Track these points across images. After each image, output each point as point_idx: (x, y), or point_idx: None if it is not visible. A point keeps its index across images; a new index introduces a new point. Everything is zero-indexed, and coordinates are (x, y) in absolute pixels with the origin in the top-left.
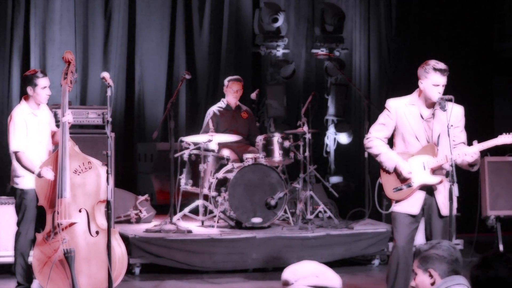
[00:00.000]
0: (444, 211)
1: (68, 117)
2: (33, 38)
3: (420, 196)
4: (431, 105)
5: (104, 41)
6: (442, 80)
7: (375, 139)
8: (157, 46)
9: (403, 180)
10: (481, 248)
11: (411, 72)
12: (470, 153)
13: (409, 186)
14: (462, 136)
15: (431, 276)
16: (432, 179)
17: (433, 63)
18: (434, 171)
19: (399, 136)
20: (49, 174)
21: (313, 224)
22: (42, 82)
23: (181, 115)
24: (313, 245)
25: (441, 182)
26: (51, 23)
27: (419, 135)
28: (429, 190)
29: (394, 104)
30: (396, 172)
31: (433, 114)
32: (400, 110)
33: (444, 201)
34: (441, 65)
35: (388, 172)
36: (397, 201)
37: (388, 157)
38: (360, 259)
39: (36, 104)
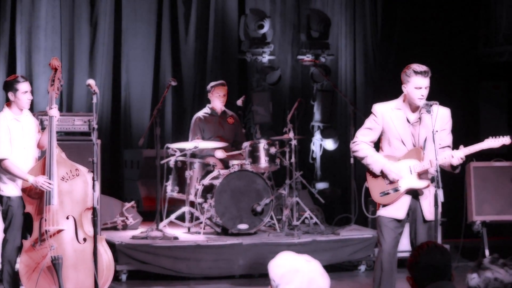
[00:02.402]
0: (428, 216)
1: (54, 111)
2: (19, 45)
3: (406, 200)
4: (416, 109)
5: (90, 48)
6: (424, 82)
7: (361, 143)
8: (143, 52)
9: (390, 184)
10: (467, 254)
11: (397, 77)
12: (456, 157)
13: (396, 190)
14: (448, 139)
15: None
16: (418, 184)
17: (414, 66)
18: (421, 175)
19: (385, 141)
20: (46, 186)
21: (299, 230)
22: (23, 87)
23: (167, 121)
24: (299, 251)
25: (427, 186)
26: (37, 30)
27: (405, 140)
28: (414, 194)
29: (380, 108)
30: (383, 176)
31: (420, 118)
32: (387, 115)
33: (429, 207)
34: (422, 68)
35: (374, 175)
36: (383, 206)
37: (374, 160)
38: (346, 265)
39: (19, 110)
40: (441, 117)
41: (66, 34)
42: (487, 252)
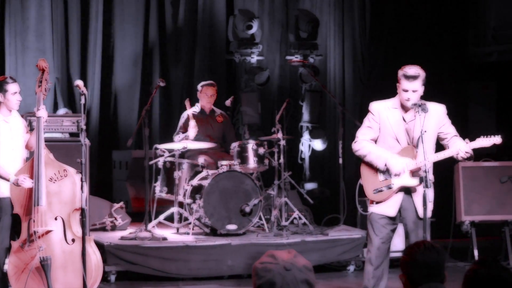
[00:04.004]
0: (421, 211)
1: (42, 112)
2: (7, 45)
3: (398, 198)
4: (408, 108)
5: (81, 49)
6: (409, 86)
7: (362, 141)
8: (131, 53)
9: (384, 181)
10: (456, 254)
11: (386, 78)
12: (463, 151)
13: (389, 187)
14: (451, 130)
15: None
16: (411, 181)
17: (405, 68)
18: (413, 173)
19: (381, 138)
20: (27, 183)
21: (288, 231)
22: (12, 87)
23: (155, 122)
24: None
25: (420, 184)
26: (27, 30)
27: (400, 138)
28: (407, 192)
29: (377, 106)
30: (382, 172)
31: (415, 117)
32: (383, 113)
33: (419, 201)
34: (411, 72)
35: (368, 173)
36: (376, 203)
37: (377, 155)
38: (335, 265)
39: (8, 111)
40: (436, 114)
41: (58, 35)
42: (476, 252)
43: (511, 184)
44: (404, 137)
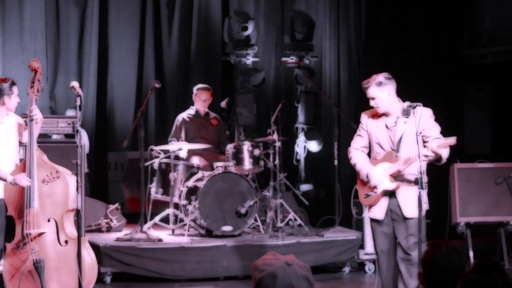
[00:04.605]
0: (408, 213)
1: (36, 111)
2: (0, 46)
3: (385, 201)
4: (390, 114)
5: (76, 50)
6: (367, 93)
7: (353, 150)
8: (127, 55)
9: (371, 187)
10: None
11: None
12: (422, 154)
13: (375, 192)
14: (433, 133)
15: None
16: (390, 185)
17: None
18: (395, 177)
19: (371, 146)
20: (24, 182)
21: (284, 232)
22: (16, 90)
23: (151, 123)
24: (284, 252)
25: (397, 187)
26: (22, 31)
27: (384, 144)
28: (392, 195)
29: (365, 115)
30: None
31: (395, 122)
32: (370, 121)
33: (408, 204)
34: (363, 83)
35: (363, 179)
36: (369, 208)
37: (362, 167)
38: (330, 267)
39: (6, 112)
40: (418, 117)
41: (52, 37)
42: (471, 254)
43: (506, 186)
44: (387, 143)
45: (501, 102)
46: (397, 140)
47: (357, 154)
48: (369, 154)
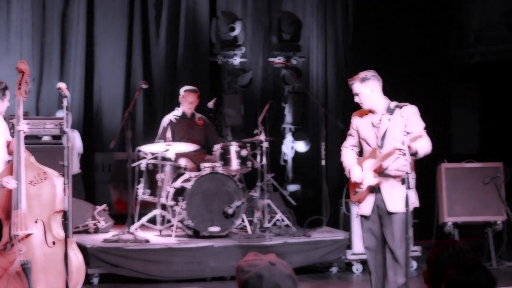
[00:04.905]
0: (391, 207)
1: (23, 126)
2: None
3: (372, 198)
4: (375, 111)
5: (62, 51)
6: (353, 90)
7: (344, 149)
8: (114, 56)
9: (358, 184)
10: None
11: None
12: (394, 149)
13: (361, 188)
14: (416, 129)
15: None
16: (372, 181)
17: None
18: (380, 173)
19: (360, 143)
20: (11, 184)
21: (271, 233)
22: (9, 94)
23: (138, 124)
24: (271, 253)
25: (378, 183)
26: (8, 33)
27: (370, 141)
28: (378, 191)
29: (354, 115)
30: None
31: (380, 120)
32: (358, 120)
33: (392, 199)
34: (354, 76)
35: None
36: (359, 204)
37: (346, 163)
38: (318, 267)
39: None
40: (403, 114)
41: (38, 38)
42: None
43: (494, 185)
44: (373, 140)
45: (488, 102)
46: (381, 137)
47: (345, 152)
48: (361, 152)
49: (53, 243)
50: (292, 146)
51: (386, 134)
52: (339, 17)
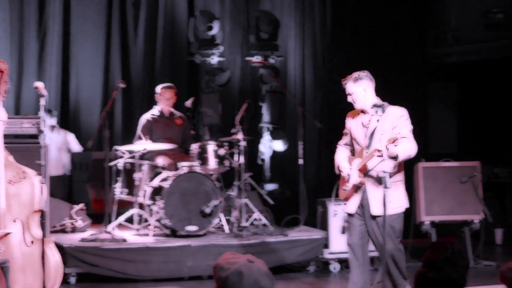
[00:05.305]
0: (374, 211)
1: (2, 115)
2: None
3: (358, 197)
4: (367, 111)
5: (39, 50)
6: (346, 89)
7: (338, 147)
8: (92, 55)
9: (346, 181)
10: (416, 254)
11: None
12: (376, 149)
13: (348, 187)
14: (403, 132)
15: None
16: (357, 180)
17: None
18: (365, 172)
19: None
20: None
21: (248, 232)
22: None
23: (117, 124)
24: (248, 252)
25: (362, 183)
26: None
27: (359, 141)
28: (364, 191)
29: (348, 115)
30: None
31: (369, 121)
32: (350, 120)
33: (373, 200)
34: (349, 76)
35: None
36: (345, 202)
37: (337, 161)
38: (295, 266)
39: None
40: (392, 116)
41: (16, 37)
42: None
43: (471, 184)
44: (362, 139)
45: (466, 101)
46: (369, 137)
47: (338, 149)
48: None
49: (32, 242)
50: (270, 145)
51: (374, 134)
52: (317, 16)
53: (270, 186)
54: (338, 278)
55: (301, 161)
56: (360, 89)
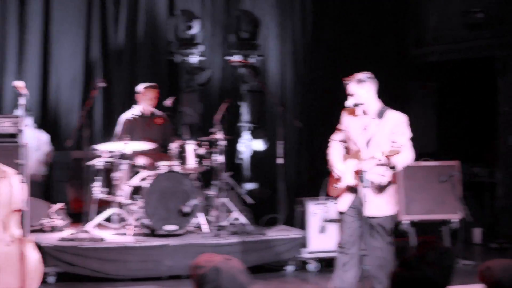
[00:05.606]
0: (366, 211)
1: None
2: None
3: (350, 196)
4: (367, 113)
5: (19, 49)
6: (349, 90)
7: (332, 142)
8: (72, 54)
9: (337, 179)
10: (395, 253)
11: (326, 78)
12: (373, 156)
13: (339, 185)
14: (401, 139)
15: None
16: (351, 181)
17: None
18: (360, 174)
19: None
20: None
21: (227, 231)
22: None
23: (96, 123)
24: (227, 251)
25: (356, 185)
26: None
27: (356, 142)
28: (358, 192)
29: (345, 112)
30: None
31: (369, 123)
32: (348, 119)
33: (369, 203)
34: (353, 76)
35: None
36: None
37: (331, 158)
38: (274, 265)
39: None
40: (392, 121)
41: None
42: None
43: (450, 184)
44: (359, 142)
45: (446, 101)
46: (367, 141)
47: (333, 146)
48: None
49: (11, 242)
50: (250, 145)
51: (372, 139)
52: (298, 16)
53: (250, 186)
54: (316, 277)
55: (280, 161)
56: (363, 91)
